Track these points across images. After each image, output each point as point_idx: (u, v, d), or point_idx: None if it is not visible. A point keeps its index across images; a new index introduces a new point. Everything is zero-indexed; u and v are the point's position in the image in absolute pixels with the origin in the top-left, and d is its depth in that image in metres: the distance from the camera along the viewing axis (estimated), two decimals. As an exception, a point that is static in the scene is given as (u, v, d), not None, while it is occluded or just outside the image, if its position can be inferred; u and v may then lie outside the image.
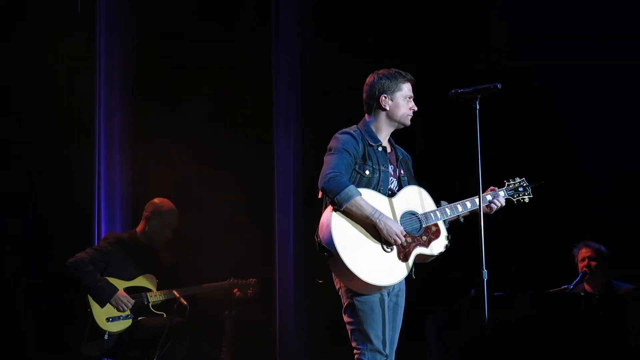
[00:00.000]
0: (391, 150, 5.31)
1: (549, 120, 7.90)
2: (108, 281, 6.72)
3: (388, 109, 5.20)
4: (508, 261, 7.37)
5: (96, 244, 7.39)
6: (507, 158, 7.37)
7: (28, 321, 7.44)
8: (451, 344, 6.79)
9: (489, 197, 5.32)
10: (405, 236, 5.04)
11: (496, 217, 5.43)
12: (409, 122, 5.25)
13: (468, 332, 2.02)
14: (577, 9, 7.75)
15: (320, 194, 5.08)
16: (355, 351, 5.05)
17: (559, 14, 7.85)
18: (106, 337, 6.69)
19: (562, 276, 7.27)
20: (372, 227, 4.98)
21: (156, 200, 7.16)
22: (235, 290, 7.17)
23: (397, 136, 5.41)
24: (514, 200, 5.45)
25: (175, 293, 6.83)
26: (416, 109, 5.22)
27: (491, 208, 5.32)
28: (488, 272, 5.03)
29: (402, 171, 5.30)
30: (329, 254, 4.94)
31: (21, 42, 7.53)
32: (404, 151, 5.40)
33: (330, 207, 4.96)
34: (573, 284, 7.10)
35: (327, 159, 5.05)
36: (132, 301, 6.73)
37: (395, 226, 4.98)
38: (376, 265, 4.97)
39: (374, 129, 5.21)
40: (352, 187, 4.91)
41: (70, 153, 7.67)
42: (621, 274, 7.35)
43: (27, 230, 7.42)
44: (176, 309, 6.71)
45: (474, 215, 5.27)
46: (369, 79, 5.28)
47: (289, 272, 8.18)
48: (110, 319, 6.71)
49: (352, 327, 5.05)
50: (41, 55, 7.48)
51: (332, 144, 5.12)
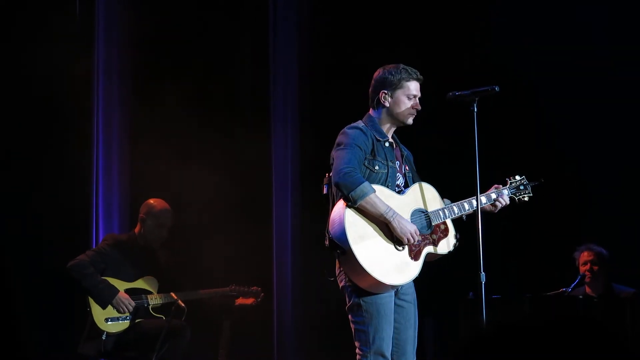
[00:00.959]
0: (396, 146, 5.27)
1: (548, 121, 7.90)
2: (109, 283, 6.72)
3: (388, 105, 5.16)
4: (506, 264, 7.33)
5: (94, 245, 7.44)
6: (506, 159, 7.33)
7: (26, 321, 7.37)
8: (449, 346, 6.82)
9: (493, 196, 5.33)
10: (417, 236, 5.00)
11: (494, 219, 5.45)
12: (410, 121, 5.19)
13: (467, 333, 2.01)
14: (576, 9, 7.78)
15: (325, 189, 5.08)
16: (357, 351, 5.01)
17: (557, 15, 7.87)
18: (104, 337, 6.68)
19: (561, 279, 7.24)
20: (384, 225, 4.93)
21: (150, 201, 7.16)
22: (238, 300, 7.18)
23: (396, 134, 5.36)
24: (516, 198, 5.42)
25: (174, 295, 6.84)
26: (419, 108, 5.16)
27: (496, 206, 5.32)
28: (486, 274, 5.00)
29: (407, 167, 5.27)
30: (341, 250, 4.89)
31: (18, 41, 7.55)
32: (406, 148, 5.37)
33: (343, 203, 4.90)
34: (571, 287, 7.06)
35: (339, 154, 4.99)
36: (133, 303, 6.74)
37: (409, 225, 4.94)
38: (389, 264, 4.92)
39: (379, 124, 5.18)
40: (367, 184, 4.87)
41: (68, 153, 7.65)
42: (622, 277, 7.33)
43: (25, 230, 7.42)
44: (174, 312, 6.70)
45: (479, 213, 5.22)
46: (375, 73, 5.24)
47: (286, 273, 8.17)
48: (109, 319, 6.71)
49: (357, 327, 5.00)
50: (39, 54, 7.45)
51: (342, 139, 5.05)
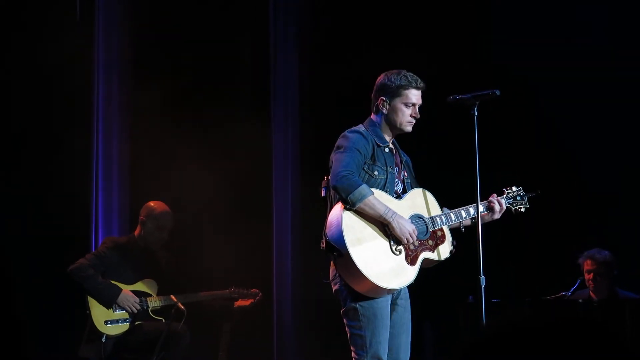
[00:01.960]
0: (395, 152, 5.26)
1: (548, 124, 7.90)
2: (110, 282, 6.76)
3: (385, 112, 5.15)
4: (506, 268, 7.31)
5: (94, 247, 7.46)
6: (506, 164, 7.36)
7: (27, 323, 7.38)
8: (449, 350, 6.82)
9: (495, 205, 5.31)
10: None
11: (494, 223, 5.41)
12: (408, 129, 5.17)
13: (467, 337, 2.01)
14: (577, 9, 7.80)
15: (323, 192, 5.07)
16: (353, 355, 4.98)
17: (558, 17, 7.88)
18: (103, 339, 6.68)
19: (561, 283, 7.22)
20: (382, 229, 4.93)
21: (150, 204, 7.17)
22: (237, 302, 7.19)
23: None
24: (512, 209, 5.42)
25: (173, 298, 6.87)
26: (418, 116, 5.13)
27: (493, 211, 5.28)
28: (485, 278, 5.00)
29: (405, 173, 5.26)
30: (338, 253, 4.86)
31: (18, 40, 7.56)
32: (405, 154, 5.36)
33: (340, 206, 4.88)
34: (571, 290, 7.04)
35: (338, 157, 4.97)
36: (138, 300, 6.78)
37: (408, 225, 4.93)
38: (386, 268, 4.90)
39: (379, 129, 5.17)
40: (365, 186, 4.85)
41: (68, 155, 7.65)
42: (627, 282, 7.32)
43: (25, 232, 7.42)
44: (174, 314, 6.73)
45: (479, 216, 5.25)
46: (378, 78, 5.23)
47: (286, 275, 8.17)
48: (108, 322, 6.72)
49: (353, 332, 4.97)
50: (40, 54, 7.46)
51: (342, 142, 5.04)
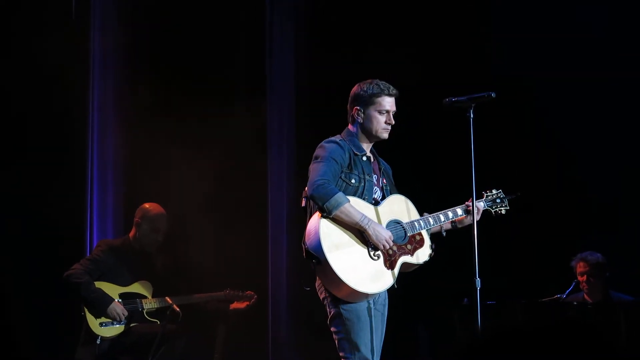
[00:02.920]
0: (374, 160, 5.32)
1: (544, 127, 7.90)
2: (103, 292, 6.74)
3: (361, 121, 5.21)
4: (502, 270, 7.31)
5: (89, 248, 7.49)
6: (499, 166, 7.35)
7: (23, 325, 7.37)
8: (446, 351, 6.79)
9: (468, 208, 5.31)
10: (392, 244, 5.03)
11: (490, 225, 5.46)
12: (384, 136, 5.24)
13: (463, 338, 2.02)
14: (576, 9, 7.80)
15: (304, 202, 5.11)
16: None
17: (554, 19, 7.88)
18: (98, 341, 6.68)
19: (557, 285, 7.23)
20: (359, 235, 4.97)
21: (145, 205, 7.19)
22: (232, 305, 7.20)
23: (383, 144, 5.40)
24: (492, 211, 5.49)
25: (168, 300, 6.87)
26: (392, 122, 5.20)
27: (470, 213, 5.26)
28: (481, 280, 4.99)
29: (384, 180, 5.32)
30: (317, 260, 4.90)
31: (12, 39, 7.56)
32: (384, 162, 5.42)
33: (318, 214, 4.94)
34: (566, 293, 7.05)
35: (315, 167, 5.04)
36: (126, 313, 6.75)
37: (384, 232, 4.97)
38: (364, 273, 4.93)
39: (357, 139, 5.23)
40: (341, 194, 4.90)
41: (62, 157, 7.66)
42: (620, 284, 7.33)
43: (20, 234, 7.40)
44: (169, 316, 6.74)
45: (457, 229, 5.35)
46: (352, 90, 5.30)
47: (281, 277, 8.15)
48: (103, 324, 6.72)
49: (340, 337, 5.00)
50: (34, 54, 7.44)
51: (319, 152, 5.11)
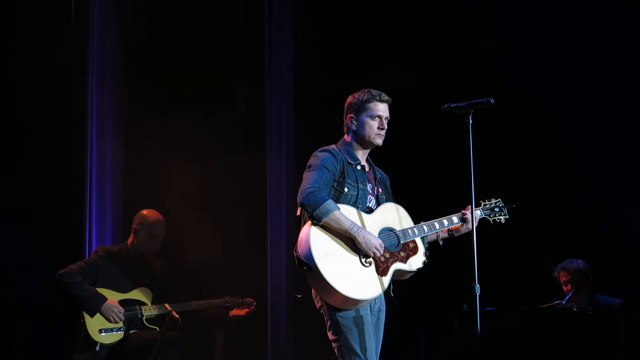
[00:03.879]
0: (369, 169, 5.34)
1: (544, 131, 7.91)
2: (97, 291, 6.72)
3: (355, 129, 5.26)
4: (501, 276, 7.30)
5: (88, 254, 7.44)
6: (499, 173, 7.41)
7: (22, 331, 7.37)
8: (445, 357, 6.81)
9: (468, 216, 5.32)
10: (383, 251, 5.03)
11: (489, 231, 5.51)
12: (378, 142, 5.27)
13: (459, 343, 2.01)
14: (573, 15, 7.86)
15: (299, 210, 5.10)
16: None
17: (555, 23, 7.94)
18: (97, 348, 6.65)
19: (556, 291, 7.31)
20: (350, 242, 4.98)
21: (143, 212, 7.17)
22: (232, 311, 7.18)
23: (381, 152, 5.41)
24: (490, 219, 5.53)
25: (168, 307, 6.83)
26: (385, 127, 5.23)
27: (467, 221, 5.31)
28: (480, 286, 4.99)
29: (380, 189, 5.33)
30: (308, 268, 4.90)
31: (11, 41, 7.57)
32: (382, 171, 5.43)
33: (309, 222, 4.96)
34: (566, 299, 7.14)
35: (306, 175, 5.07)
36: (122, 310, 6.72)
37: (374, 239, 4.97)
38: (355, 279, 4.93)
39: (351, 148, 5.26)
40: (330, 202, 4.93)
41: (60, 162, 7.65)
42: (606, 288, 7.37)
43: (19, 239, 7.39)
44: (168, 323, 6.68)
45: (454, 237, 5.36)
46: (347, 100, 5.35)
47: (281, 283, 8.15)
48: (102, 330, 6.68)
49: (338, 344, 5.00)
50: (33, 56, 7.47)
51: (312, 161, 5.15)
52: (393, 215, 5.22)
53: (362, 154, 5.29)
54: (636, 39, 7.76)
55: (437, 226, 5.27)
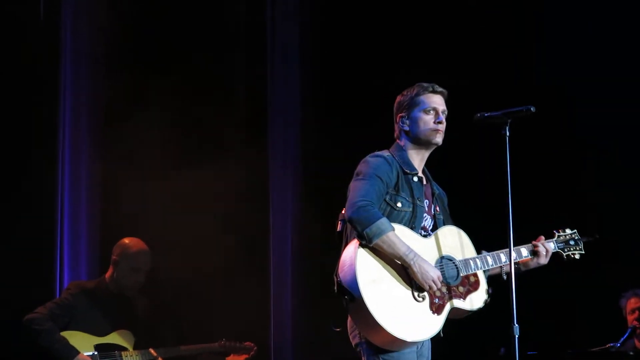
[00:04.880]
0: (427, 182, 4.97)
1: (592, 146, 7.65)
2: (67, 342, 6.36)
3: (407, 129, 4.86)
4: (544, 314, 7.07)
5: (58, 292, 7.19)
6: (545, 195, 7.27)
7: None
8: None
9: (540, 249, 5.01)
10: (440, 285, 4.64)
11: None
12: (436, 140, 4.83)
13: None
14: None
15: (340, 225, 4.80)
16: None
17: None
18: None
19: (608, 332, 6.94)
20: (403, 270, 4.58)
21: (125, 241, 6.85)
22: (228, 358, 6.95)
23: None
24: (564, 255, 5.11)
25: (153, 352, 6.61)
26: (443, 122, 4.82)
27: (539, 256, 4.96)
28: (520, 327, 4.59)
29: (437, 208, 4.95)
30: (350, 297, 4.48)
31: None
32: (439, 187, 5.07)
33: (356, 242, 4.55)
34: (620, 341, 6.76)
35: (356, 184, 4.66)
36: None
37: (432, 270, 4.56)
38: (405, 317, 4.54)
39: (406, 154, 4.89)
40: (385, 220, 4.52)
41: (30, 178, 7.27)
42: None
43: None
44: (154, 371, 6.74)
45: (521, 272, 5.00)
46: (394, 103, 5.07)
47: (286, 331, 7.86)
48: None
49: None
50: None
51: (362, 168, 4.75)
52: (454, 242, 4.83)
53: (419, 161, 4.89)
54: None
55: (503, 258, 4.85)
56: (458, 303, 4.67)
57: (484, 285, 4.79)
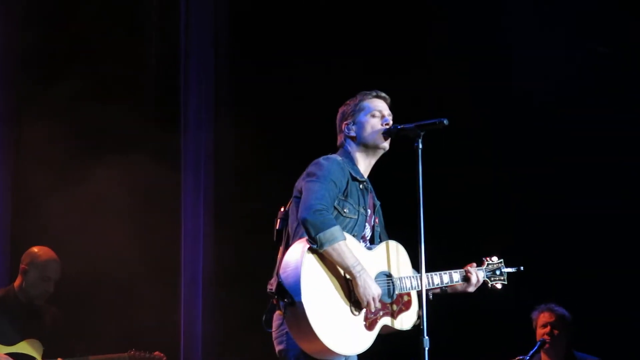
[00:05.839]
0: (369, 192, 4.92)
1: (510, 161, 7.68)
2: None
3: (354, 134, 4.83)
4: (455, 327, 7.10)
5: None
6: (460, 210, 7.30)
7: None
8: None
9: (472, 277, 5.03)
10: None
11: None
12: (384, 145, 4.81)
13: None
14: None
15: (279, 224, 4.76)
16: None
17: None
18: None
19: (518, 345, 6.95)
20: (344, 281, 4.53)
21: (34, 249, 6.78)
22: None
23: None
24: (489, 284, 5.14)
25: (61, 363, 6.61)
26: (390, 123, 4.79)
27: (470, 282, 4.98)
28: (430, 339, 4.55)
29: (377, 220, 4.94)
30: (289, 300, 4.41)
31: None
32: (377, 199, 5.01)
33: (304, 244, 4.48)
34: (530, 354, 6.75)
35: (311, 186, 4.59)
36: None
37: (374, 287, 4.53)
38: (340, 329, 4.49)
39: (354, 159, 4.85)
40: (339, 228, 4.48)
41: None
42: (583, 344, 7.10)
43: None
44: (62, 382, 6.55)
45: (446, 294, 5.00)
46: (337, 115, 5.01)
47: (195, 341, 7.76)
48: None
49: None
50: None
51: (315, 169, 4.67)
52: (393, 258, 4.78)
53: (365, 168, 4.86)
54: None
55: (436, 281, 4.86)
56: (389, 321, 4.66)
57: (415, 306, 4.76)
